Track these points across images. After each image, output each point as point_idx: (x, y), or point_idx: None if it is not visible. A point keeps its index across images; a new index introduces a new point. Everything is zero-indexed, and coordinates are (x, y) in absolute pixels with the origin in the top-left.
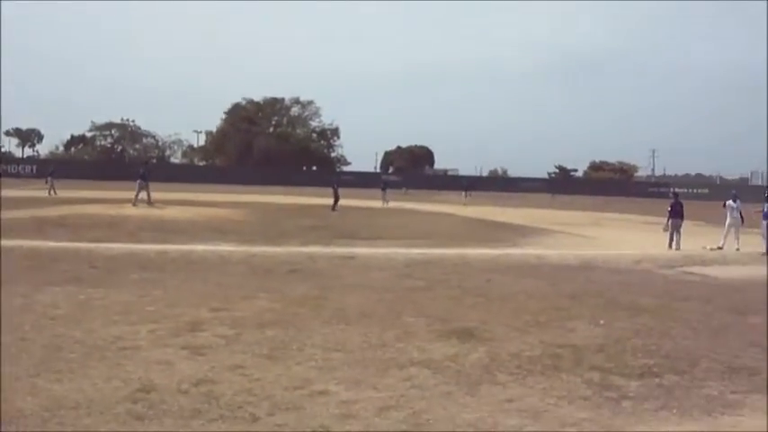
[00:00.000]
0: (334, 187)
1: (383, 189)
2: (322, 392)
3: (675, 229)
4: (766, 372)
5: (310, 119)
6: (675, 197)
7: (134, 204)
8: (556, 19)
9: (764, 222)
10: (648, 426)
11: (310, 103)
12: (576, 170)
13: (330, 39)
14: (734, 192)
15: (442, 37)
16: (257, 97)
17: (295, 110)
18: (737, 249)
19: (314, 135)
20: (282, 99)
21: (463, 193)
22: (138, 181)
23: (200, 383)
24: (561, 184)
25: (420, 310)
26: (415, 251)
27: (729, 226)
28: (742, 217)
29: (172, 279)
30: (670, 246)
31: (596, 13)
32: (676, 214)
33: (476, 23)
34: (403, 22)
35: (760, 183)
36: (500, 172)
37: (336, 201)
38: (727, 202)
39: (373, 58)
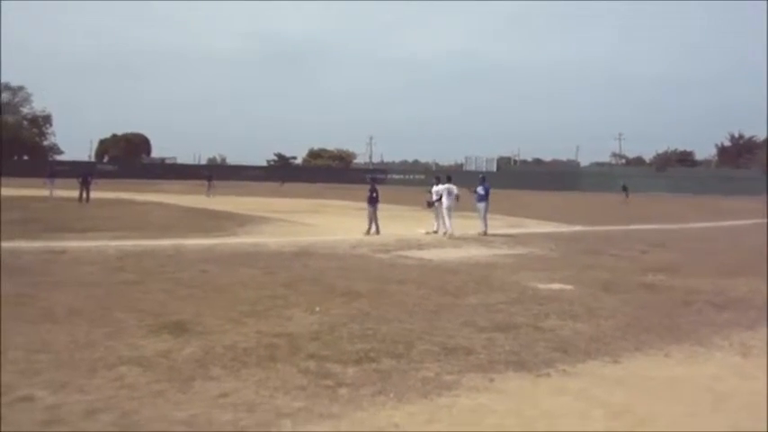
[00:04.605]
0: (83, 180)
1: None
2: (25, 398)
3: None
4: None
5: (21, 105)
6: (372, 182)
7: None
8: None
9: (479, 204)
10: (366, 411)
11: (21, 88)
12: (295, 158)
13: (40, 22)
14: (434, 179)
15: (149, 23)
16: None
17: (5, 96)
18: (440, 233)
19: (25, 122)
20: None
21: (206, 183)
22: None
23: None
24: (281, 172)
25: (131, 305)
26: (129, 243)
27: (439, 209)
28: (432, 203)
29: None
30: (368, 231)
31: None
32: (371, 199)
33: (189, 9)
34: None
35: (473, 168)
36: (219, 160)
37: (87, 194)
38: (433, 188)
39: (86, 42)
